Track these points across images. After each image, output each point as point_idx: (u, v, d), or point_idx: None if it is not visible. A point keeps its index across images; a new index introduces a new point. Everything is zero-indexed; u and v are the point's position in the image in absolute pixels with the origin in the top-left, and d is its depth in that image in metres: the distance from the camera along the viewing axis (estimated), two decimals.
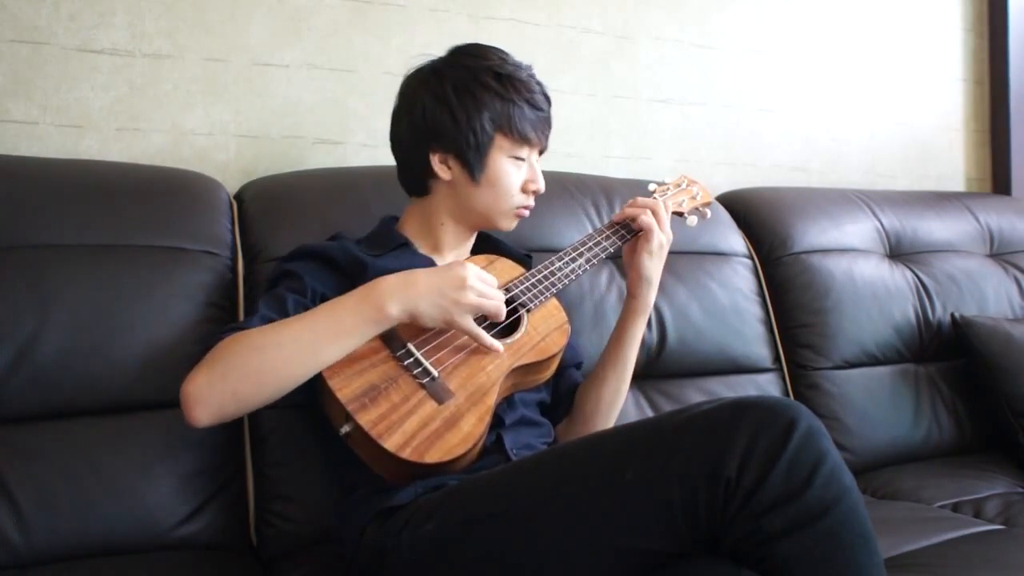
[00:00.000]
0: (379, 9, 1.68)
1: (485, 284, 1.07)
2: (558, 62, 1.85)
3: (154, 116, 1.50)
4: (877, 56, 2.27)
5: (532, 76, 1.23)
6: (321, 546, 1.21)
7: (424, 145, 1.20)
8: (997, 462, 1.65)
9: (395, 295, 1.03)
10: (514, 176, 1.21)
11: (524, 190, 1.23)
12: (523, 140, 1.20)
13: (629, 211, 1.24)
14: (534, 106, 1.21)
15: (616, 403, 1.29)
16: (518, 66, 1.23)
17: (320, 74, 1.62)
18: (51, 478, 1.11)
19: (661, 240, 1.23)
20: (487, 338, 1.09)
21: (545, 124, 1.24)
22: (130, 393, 1.18)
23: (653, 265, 1.24)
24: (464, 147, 1.18)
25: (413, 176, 1.25)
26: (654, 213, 1.23)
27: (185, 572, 1.10)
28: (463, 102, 1.18)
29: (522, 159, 1.22)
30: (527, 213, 1.25)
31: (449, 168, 1.21)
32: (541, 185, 1.24)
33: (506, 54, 1.24)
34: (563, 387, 1.32)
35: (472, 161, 1.19)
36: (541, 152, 1.26)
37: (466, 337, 1.11)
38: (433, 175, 1.22)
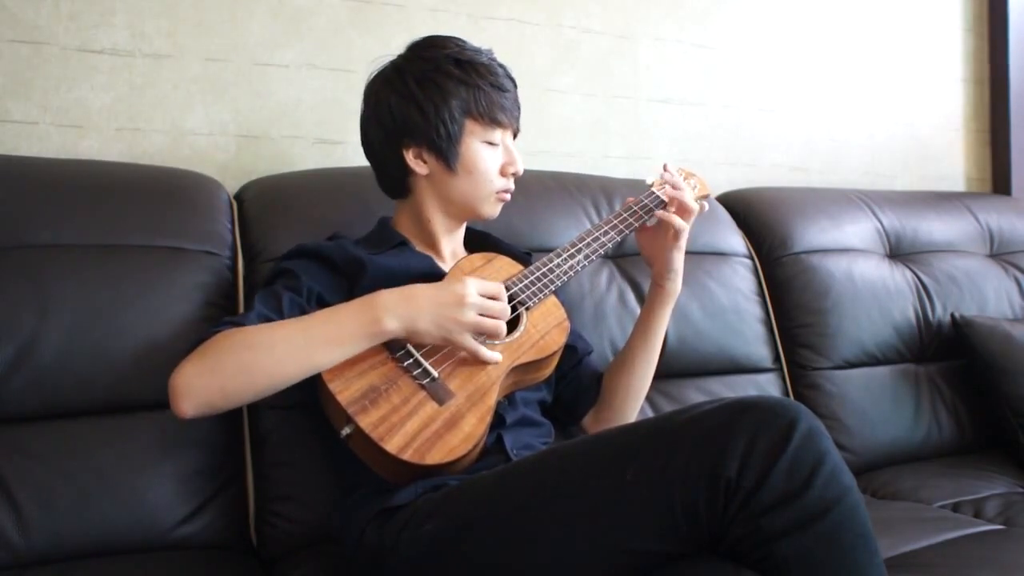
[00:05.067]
0: (379, 9, 1.68)
1: (486, 300, 1.06)
2: (558, 62, 1.85)
3: (154, 116, 1.50)
4: (877, 56, 2.27)
5: (493, 59, 1.22)
6: (321, 546, 1.21)
7: (396, 143, 1.20)
8: (997, 462, 1.65)
9: (394, 311, 1.03)
10: (490, 160, 1.21)
11: (503, 173, 1.23)
12: (494, 123, 1.20)
13: (660, 213, 1.23)
14: (499, 88, 1.20)
15: (644, 389, 1.32)
16: (477, 51, 1.22)
17: (320, 74, 1.62)
18: (51, 478, 1.11)
19: (684, 228, 1.24)
20: (486, 353, 1.08)
21: (513, 105, 1.23)
22: (130, 393, 1.18)
23: (680, 257, 1.25)
24: (436, 138, 1.17)
25: (391, 178, 1.25)
26: (682, 210, 1.23)
27: (185, 572, 1.10)
28: (428, 94, 1.17)
29: (495, 143, 1.21)
30: (508, 197, 1.25)
31: (425, 162, 1.20)
32: (519, 167, 1.23)
33: (463, 41, 1.22)
34: (585, 377, 1.33)
35: (446, 151, 1.18)
36: (515, 135, 1.26)
37: None
38: (410, 172, 1.21)
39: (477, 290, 1.06)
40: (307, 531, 1.23)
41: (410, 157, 1.20)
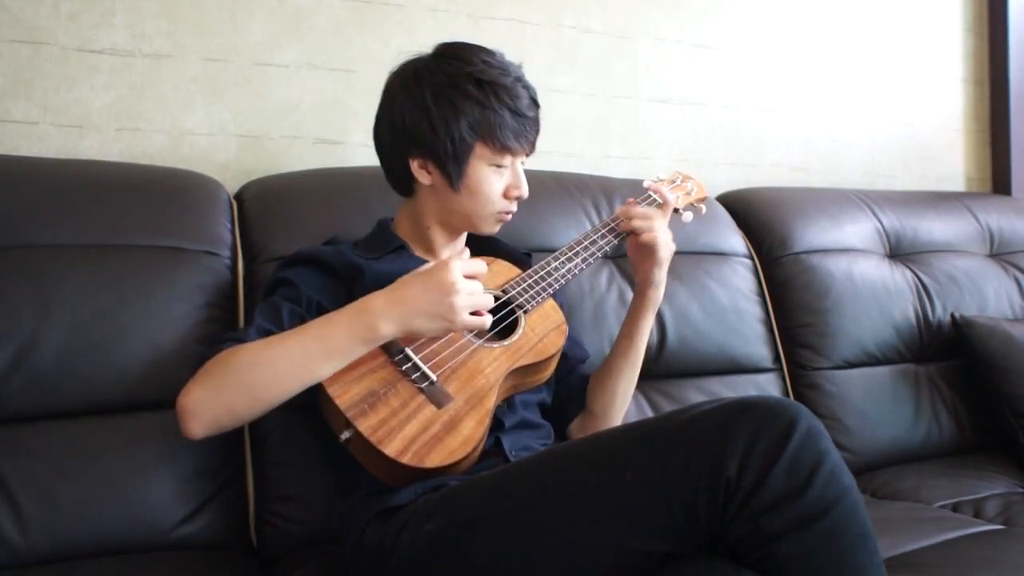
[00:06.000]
0: (379, 9, 1.68)
1: (472, 281, 1.05)
2: (558, 62, 1.85)
3: (154, 116, 1.50)
4: (877, 56, 2.27)
5: (519, 80, 1.18)
6: (321, 546, 1.21)
7: (404, 150, 1.19)
8: (997, 462, 1.65)
9: (388, 315, 1.02)
10: (495, 184, 1.19)
11: (507, 196, 1.20)
12: (504, 149, 1.17)
13: (637, 223, 1.22)
14: (517, 113, 1.16)
15: (629, 394, 1.32)
16: (503, 70, 1.17)
17: (320, 74, 1.62)
18: (51, 478, 1.11)
19: (671, 248, 1.23)
20: (484, 321, 1.06)
21: (531, 130, 1.19)
22: (130, 393, 1.18)
23: (662, 272, 1.25)
24: (443, 155, 1.16)
25: (396, 178, 1.25)
26: (655, 225, 1.21)
27: (185, 572, 1.10)
28: (442, 110, 1.14)
29: (504, 166, 1.19)
30: (509, 218, 1.23)
31: (429, 174, 1.19)
32: (524, 191, 1.21)
33: (492, 56, 1.19)
34: (575, 383, 1.33)
35: (451, 170, 1.16)
36: (528, 154, 1.23)
37: (464, 340, 1.11)
38: (414, 179, 1.21)
39: (462, 272, 1.04)
40: (307, 531, 1.23)
41: (415, 166, 1.19)
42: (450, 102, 1.14)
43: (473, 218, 1.22)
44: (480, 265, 1.07)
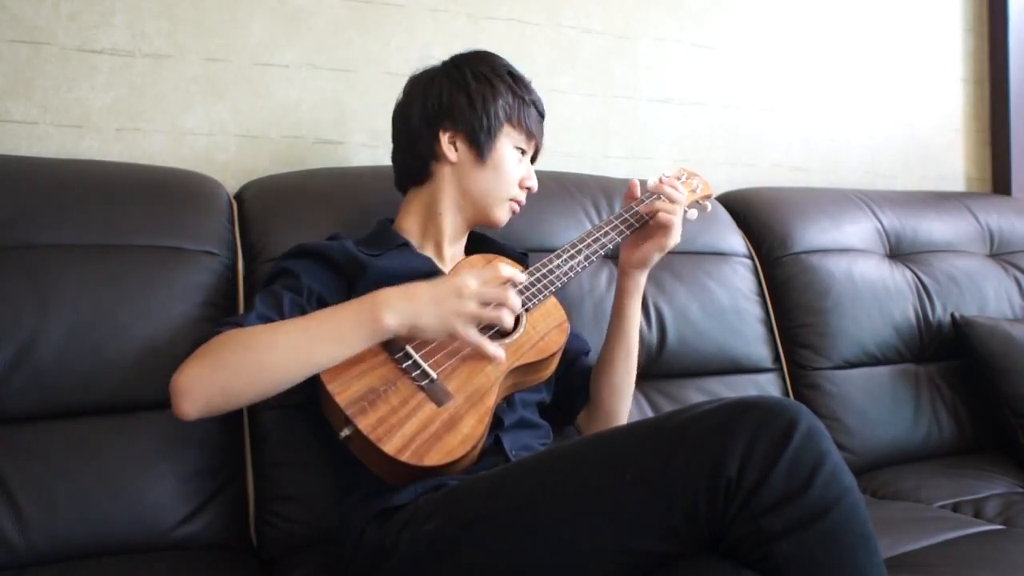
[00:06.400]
0: (379, 9, 1.68)
1: (486, 288, 1.06)
2: (558, 62, 1.85)
3: (154, 116, 1.50)
4: (877, 56, 2.27)
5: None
6: (321, 546, 1.21)
7: (435, 125, 1.25)
8: (997, 462, 1.65)
9: (395, 307, 1.02)
10: (515, 166, 1.28)
11: (520, 185, 1.29)
12: (528, 134, 1.29)
13: (659, 203, 1.23)
14: (537, 109, 1.30)
15: (629, 385, 1.32)
16: (523, 75, 1.32)
17: (320, 74, 1.62)
18: (51, 478, 1.11)
19: (679, 238, 1.25)
20: (489, 347, 1.07)
21: (542, 130, 1.32)
22: (130, 393, 1.18)
23: (660, 257, 1.26)
24: (476, 128, 1.24)
25: (416, 159, 1.27)
26: (677, 209, 1.24)
27: (185, 572, 1.10)
28: (481, 88, 1.25)
29: (524, 151, 1.29)
30: (519, 208, 1.30)
31: (456, 149, 1.25)
32: (535, 183, 1.31)
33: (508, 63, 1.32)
34: (578, 377, 1.34)
35: (482, 141, 1.24)
36: (534, 157, 1.33)
37: None
38: (437, 157, 1.25)
39: (477, 280, 1.05)
40: (307, 531, 1.23)
41: (444, 140, 1.24)
42: (490, 83, 1.26)
43: (490, 199, 1.26)
44: (496, 275, 1.09)
